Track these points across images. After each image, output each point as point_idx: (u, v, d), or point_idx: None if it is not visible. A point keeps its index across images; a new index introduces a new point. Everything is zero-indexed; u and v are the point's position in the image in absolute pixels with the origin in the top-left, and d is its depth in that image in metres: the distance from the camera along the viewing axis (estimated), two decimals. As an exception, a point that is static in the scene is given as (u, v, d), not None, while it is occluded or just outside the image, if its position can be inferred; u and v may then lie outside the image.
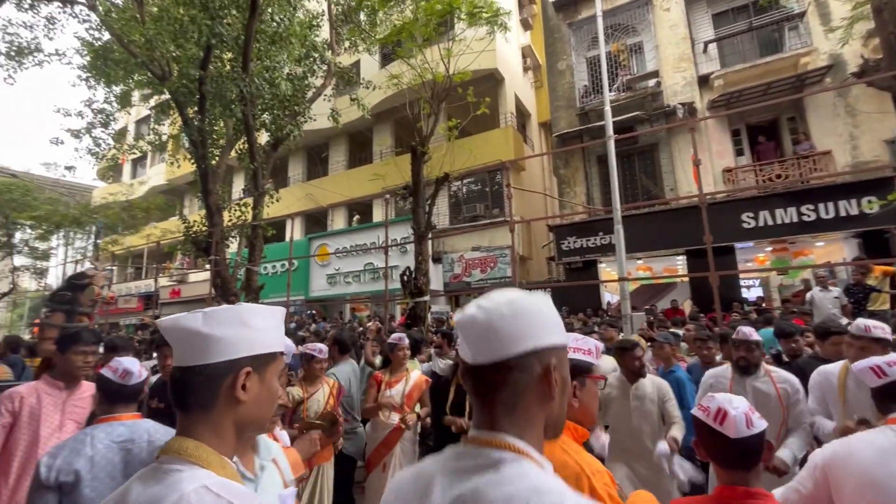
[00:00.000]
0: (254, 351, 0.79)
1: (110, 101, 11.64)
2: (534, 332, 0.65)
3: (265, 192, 9.33)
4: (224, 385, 0.75)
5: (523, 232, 12.95)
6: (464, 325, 0.68)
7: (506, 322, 0.65)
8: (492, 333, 0.65)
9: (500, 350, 0.64)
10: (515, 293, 0.68)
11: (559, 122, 11.96)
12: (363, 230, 14.67)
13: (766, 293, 11.12)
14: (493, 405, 0.66)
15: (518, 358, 0.64)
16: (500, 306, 0.66)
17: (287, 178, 17.95)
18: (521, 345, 0.64)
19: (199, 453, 0.71)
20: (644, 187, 10.83)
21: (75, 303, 3.37)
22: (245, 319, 0.79)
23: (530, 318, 0.66)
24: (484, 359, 0.65)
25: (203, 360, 0.75)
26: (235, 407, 0.76)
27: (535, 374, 0.65)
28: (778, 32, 10.11)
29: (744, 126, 10.39)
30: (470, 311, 0.68)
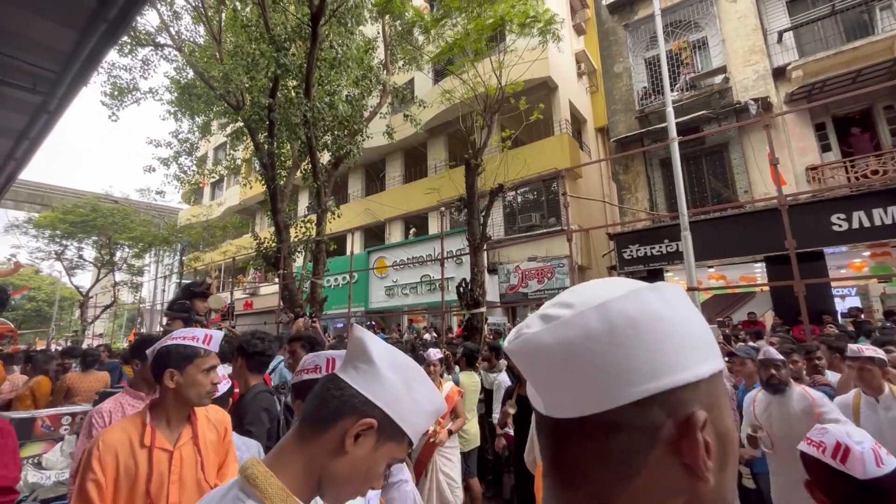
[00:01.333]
0: (392, 412, 0.70)
1: (193, 132, 12.92)
2: (659, 361, 0.38)
3: (327, 208, 9.83)
4: (344, 422, 0.68)
5: (581, 241, 12.56)
6: (521, 355, 0.42)
7: (601, 346, 0.38)
8: (573, 369, 0.39)
9: (593, 398, 0.38)
10: (614, 286, 0.42)
11: (617, 126, 11.54)
12: (419, 243, 14.96)
13: (864, 303, 9.90)
14: (578, 489, 0.40)
15: (626, 409, 0.37)
16: (588, 318, 0.39)
17: (347, 195, 18.78)
18: (632, 387, 0.37)
19: (265, 486, 0.63)
20: (714, 190, 10.12)
21: (192, 310, 3.42)
22: (411, 381, 0.72)
23: (650, 334, 0.38)
24: (562, 412, 0.40)
25: (352, 380, 0.70)
26: (334, 453, 0.67)
27: (663, 437, 0.38)
28: (868, 13, 9.13)
29: (829, 119, 9.42)
30: (531, 331, 0.41)
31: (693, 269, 5.99)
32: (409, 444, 0.74)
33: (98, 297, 21.90)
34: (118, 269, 20.55)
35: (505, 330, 11.11)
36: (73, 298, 25.92)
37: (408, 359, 0.73)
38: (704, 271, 10.09)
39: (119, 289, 21.30)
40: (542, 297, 12.23)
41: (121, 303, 24.26)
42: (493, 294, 12.92)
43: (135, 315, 26.74)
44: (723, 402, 0.41)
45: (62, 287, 24.00)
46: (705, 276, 10.33)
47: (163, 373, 1.45)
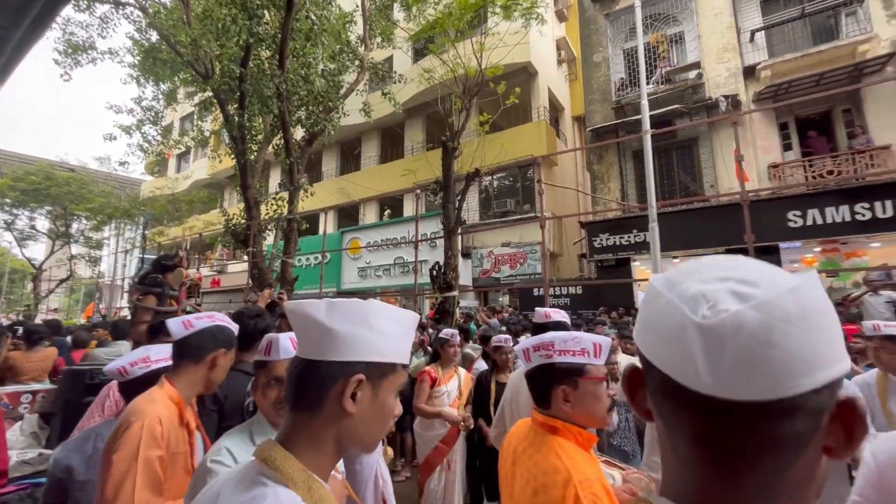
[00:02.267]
0: (371, 357, 0.69)
1: (158, 99, 12.26)
2: (835, 349, 0.40)
3: (300, 186, 9.60)
4: (334, 390, 0.67)
5: (554, 228, 12.77)
6: (719, 333, 0.39)
7: (795, 331, 0.38)
8: (768, 351, 0.38)
9: (783, 382, 0.38)
10: (770, 269, 0.43)
11: (594, 115, 11.67)
12: (394, 224, 14.86)
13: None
14: (740, 477, 0.40)
15: (808, 394, 0.38)
16: (787, 301, 0.39)
17: (321, 173, 18.36)
18: (819, 373, 0.38)
19: (286, 468, 0.63)
20: (682, 183, 10.44)
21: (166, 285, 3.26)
22: (368, 319, 0.70)
23: (829, 322, 0.40)
24: (739, 394, 0.38)
25: (319, 355, 0.68)
26: (341, 418, 0.68)
27: (825, 421, 0.40)
28: (834, 18, 9.48)
29: (793, 119, 9.83)
30: (730, 307, 0.39)
31: (659, 259, 6.20)
32: (403, 367, 0.75)
33: (52, 270, 20.80)
34: (75, 242, 19.53)
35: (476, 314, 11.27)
36: (24, 271, 24.55)
37: (351, 301, 0.71)
38: (670, 261, 10.46)
39: (76, 262, 20.29)
40: (513, 283, 12.43)
41: (78, 277, 23.15)
42: (466, 278, 13.04)
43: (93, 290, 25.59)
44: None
45: (12, 259, 22.65)
46: (671, 266, 10.71)
47: (213, 352, 1.45)
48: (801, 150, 9.69)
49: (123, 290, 21.17)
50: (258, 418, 1.30)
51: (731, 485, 0.40)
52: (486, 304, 13.61)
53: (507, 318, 9.85)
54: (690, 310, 0.40)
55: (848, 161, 8.77)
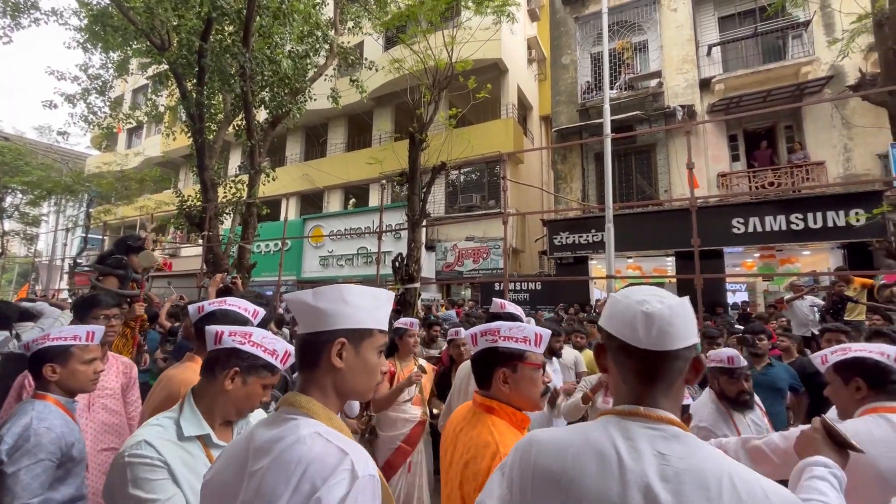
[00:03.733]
0: (348, 325, 0.90)
1: (107, 68, 11.47)
2: (693, 332, 0.80)
3: (261, 170, 9.29)
4: (325, 352, 0.89)
5: (518, 225, 13.02)
6: (666, 318, 0.77)
7: (684, 320, 0.78)
8: (684, 328, 0.78)
9: (684, 342, 0.78)
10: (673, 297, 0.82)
11: (560, 116, 11.95)
12: (358, 214, 14.67)
13: (751, 298, 11.31)
14: (665, 386, 0.79)
15: (687, 348, 0.78)
16: (678, 306, 0.79)
17: (284, 158, 17.82)
18: (688, 340, 0.78)
19: (309, 406, 0.85)
20: (639, 187, 10.91)
21: (129, 267, 3.09)
22: (344, 297, 0.91)
23: (691, 318, 0.81)
24: (670, 346, 0.77)
25: (312, 328, 0.90)
26: (334, 372, 0.89)
27: (690, 364, 0.81)
28: (782, 40, 10.13)
29: (741, 132, 10.46)
30: (661, 305, 0.79)
31: (612, 258, 6.48)
32: (381, 331, 0.95)
33: (-19, 246, 19.11)
34: (8, 217, 18.02)
35: (435, 306, 11.35)
36: (-53, 246, 22.40)
37: (331, 287, 0.92)
38: (624, 261, 10.93)
39: (8, 239, 18.74)
40: (475, 276, 12.60)
41: (11, 255, 21.40)
42: (429, 270, 13.08)
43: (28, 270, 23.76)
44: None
45: (-67, 232, 20.60)
46: (624, 266, 11.21)
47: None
48: (747, 162, 10.34)
49: (63, 272, 19.77)
50: (190, 411, 1.20)
51: (651, 391, 0.79)
52: (449, 296, 13.73)
53: (469, 311, 10.01)
54: (639, 305, 0.79)
55: (787, 174, 9.45)
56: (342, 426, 0.87)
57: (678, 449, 0.71)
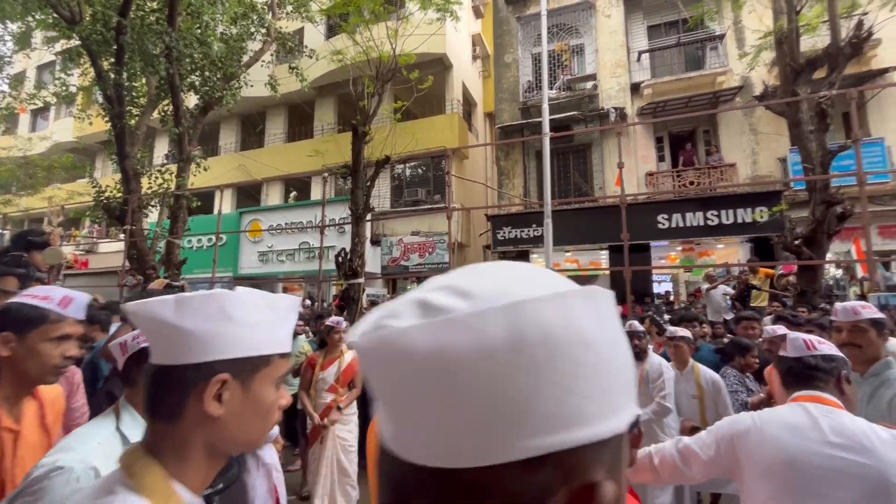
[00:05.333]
0: (233, 353, 0.62)
1: (3, 41, 10.17)
2: (573, 404, 0.32)
3: (191, 159, 8.72)
4: (193, 395, 0.60)
5: (463, 219, 13.21)
6: (377, 358, 0.30)
7: (498, 368, 0.23)
8: (447, 393, 0.30)
9: (464, 445, 0.31)
10: (532, 277, 0.32)
11: (502, 114, 12.24)
12: (299, 207, 14.17)
13: (674, 288, 12.31)
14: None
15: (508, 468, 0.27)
16: (490, 322, 0.29)
17: (218, 147, 16.79)
18: (527, 438, 0.23)
19: (141, 476, 0.58)
20: (576, 184, 11.46)
21: (31, 265, 2.77)
22: (227, 311, 0.62)
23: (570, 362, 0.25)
24: (411, 453, 0.32)
25: (173, 359, 0.60)
26: (207, 423, 0.61)
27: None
28: (701, 51, 11.03)
29: (667, 134, 11.29)
30: (400, 324, 0.29)
31: (550, 252, 6.79)
32: (283, 356, 0.68)
33: None
34: None
35: (382, 301, 11.26)
36: None
37: (206, 294, 0.63)
38: (562, 255, 11.46)
39: None
40: (421, 271, 12.65)
41: None
42: (374, 265, 12.95)
43: None
44: (624, 457, 0.31)
45: None
46: (563, 259, 11.75)
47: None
48: (672, 162, 11.19)
49: (-48, 270, 17.35)
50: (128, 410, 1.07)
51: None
52: (395, 291, 13.68)
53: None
54: None
55: (705, 174, 10.35)
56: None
57: None
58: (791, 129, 6.41)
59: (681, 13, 10.44)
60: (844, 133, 8.82)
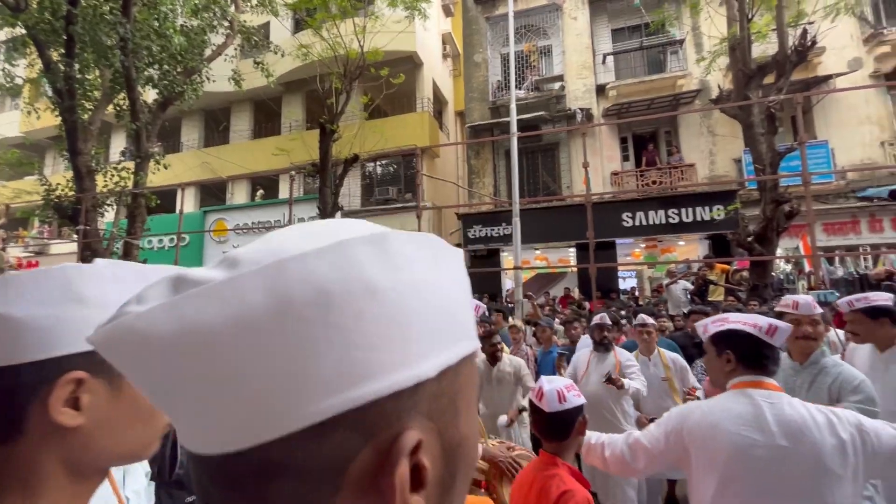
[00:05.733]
0: (89, 345, 0.42)
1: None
2: (359, 359, 0.28)
3: (150, 156, 8.37)
4: (36, 403, 0.45)
5: (434, 218, 13.22)
6: (119, 352, 0.29)
7: (259, 338, 0.29)
8: (206, 375, 0.29)
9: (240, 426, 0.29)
10: (322, 231, 0.30)
11: (472, 113, 12.32)
12: (267, 206, 13.84)
13: (639, 284, 12.74)
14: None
15: (296, 439, 0.28)
16: (244, 288, 0.27)
17: (180, 144, 16.17)
18: (309, 404, 0.27)
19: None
20: (545, 183, 11.67)
21: None
22: (76, 290, 0.48)
23: (350, 315, 0.27)
24: (198, 445, 0.32)
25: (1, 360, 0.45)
26: (62, 437, 0.46)
27: (354, 474, 0.27)
28: (662, 54, 11.43)
29: (631, 135, 11.65)
30: (139, 308, 0.26)
31: (519, 250, 6.90)
32: None
33: None
34: None
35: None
36: None
37: (41, 271, 0.49)
38: (532, 252, 11.67)
39: None
40: (393, 270, 12.59)
41: None
42: (344, 265, 12.79)
43: None
44: (463, 396, 0.30)
45: None
46: (533, 257, 11.96)
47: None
48: (636, 161, 11.56)
49: None
50: None
51: None
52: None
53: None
54: None
55: (667, 174, 10.75)
56: None
57: None
58: (744, 132, 6.75)
59: (643, 18, 10.79)
60: (793, 135, 9.34)
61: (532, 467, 1.41)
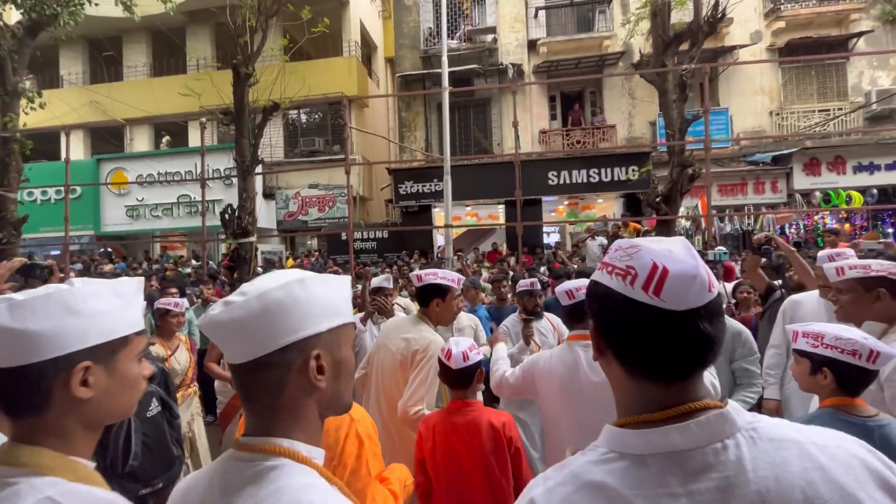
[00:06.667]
0: (91, 342, 0.67)
1: None
2: (293, 324, 0.62)
3: (20, 92, 7.08)
4: (58, 387, 0.64)
5: (364, 172, 12.79)
6: (211, 328, 0.64)
7: (256, 318, 0.62)
8: (240, 333, 0.62)
9: (253, 349, 0.62)
10: (279, 279, 0.65)
11: (403, 61, 11.77)
12: (174, 155, 12.49)
13: (561, 239, 13.54)
14: (258, 406, 0.65)
15: (274, 354, 0.62)
16: (250, 303, 0.62)
17: (59, 78, 13.78)
18: (276, 339, 0.61)
19: (37, 460, 0.62)
20: (476, 139, 11.69)
21: None
22: (73, 306, 0.66)
23: (290, 308, 0.62)
24: (237, 360, 0.63)
25: (21, 360, 0.63)
26: (78, 406, 0.66)
27: (295, 367, 0.63)
28: (591, 13, 11.58)
29: (559, 94, 11.90)
30: (214, 312, 0.63)
31: (450, 207, 6.96)
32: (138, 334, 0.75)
33: None
34: None
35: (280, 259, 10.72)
36: None
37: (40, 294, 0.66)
38: (463, 208, 11.83)
39: None
40: (322, 226, 12.17)
41: None
42: (269, 220, 12.12)
43: None
44: (341, 341, 0.69)
45: None
46: (464, 212, 12.15)
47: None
48: (563, 120, 11.90)
49: None
50: None
51: (252, 414, 0.67)
52: (293, 248, 13.04)
53: (314, 262, 9.72)
54: (211, 312, 0.69)
55: (590, 134, 11.23)
56: (91, 475, 0.67)
57: (256, 487, 0.58)
58: (659, 98, 7.17)
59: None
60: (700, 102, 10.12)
61: (446, 412, 1.72)
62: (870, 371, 1.25)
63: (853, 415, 1.25)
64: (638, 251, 0.58)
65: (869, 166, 10.20)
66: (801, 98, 10.96)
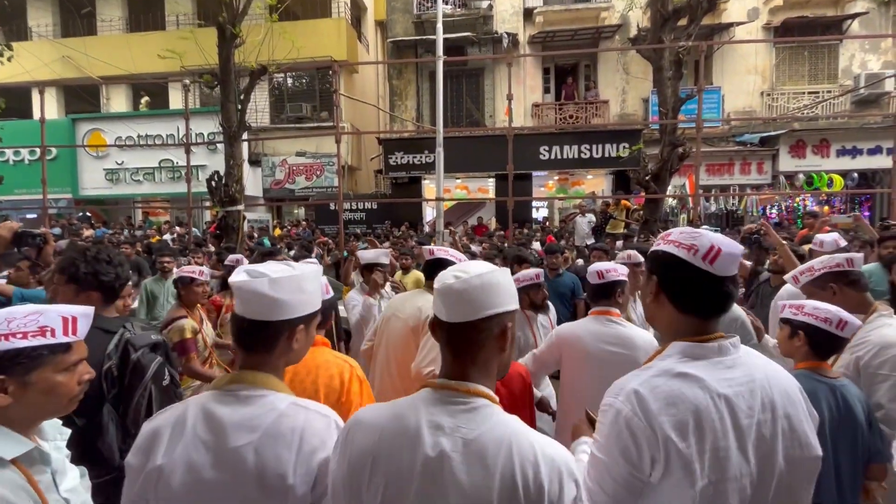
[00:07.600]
0: (306, 311, 0.96)
1: None
2: (496, 300, 0.81)
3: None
4: (283, 337, 0.94)
5: (353, 141, 12.53)
6: (447, 294, 0.82)
7: (476, 291, 0.80)
8: (466, 300, 0.80)
9: (472, 314, 0.80)
10: (482, 266, 0.85)
11: (395, 26, 11.38)
12: (155, 117, 12.02)
13: (550, 214, 13.62)
14: (468, 355, 0.83)
15: (484, 319, 0.80)
16: (473, 280, 0.80)
17: (27, 30, 12.97)
18: (486, 310, 0.80)
19: (270, 383, 0.92)
20: (468, 111, 11.50)
21: None
22: (302, 287, 0.95)
23: (496, 288, 0.82)
24: (460, 319, 0.81)
25: (269, 317, 0.92)
26: (288, 353, 0.96)
27: (495, 333, 0.82)
28: (590, -19, 11.25)
29: (553, 66, 11.69)
30: (451, 282, 0.81)
31: (441, 181, 6.91)
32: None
33: None
34: None
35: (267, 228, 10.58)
36: None
37: (287, 276, 0.93)
38: (453, 181, 11.76)
39: None
40: (309, 195, 11.99)
41: None
42: (255, 188, 11.88)
43: None
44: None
45: None
46: (454, 185, 12.08)
47: None
48: (556, 94, 11.75)
49: None
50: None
51: (460, 364, 0.83)
52: (280, 217, 12.87)
53: (301, 232, 9.62)
54: (443, 281, 0.84)
55: (582, 109, 11.14)
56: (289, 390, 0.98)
57: (473, 420, 0.76)
58: (654, 74, 7.12)
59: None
60: (694, 80, 10.08)
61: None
62: (839, 337, 1.47)
63: (823, 376, 1.47)
64: (700, 234, 0.88)
65: (852, 150, 10.40)
66: (792, 79, 10.99)
